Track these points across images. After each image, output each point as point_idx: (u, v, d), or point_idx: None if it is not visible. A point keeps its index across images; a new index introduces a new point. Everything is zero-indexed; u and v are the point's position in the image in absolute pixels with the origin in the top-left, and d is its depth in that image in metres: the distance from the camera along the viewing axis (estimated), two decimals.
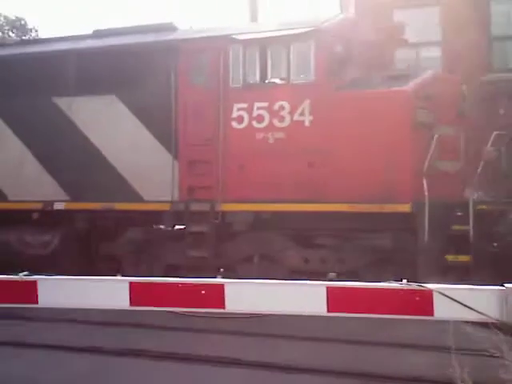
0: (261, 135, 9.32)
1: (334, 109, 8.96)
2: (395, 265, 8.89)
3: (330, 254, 9.30)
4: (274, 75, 9.29)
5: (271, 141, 9.28)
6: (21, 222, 10.87)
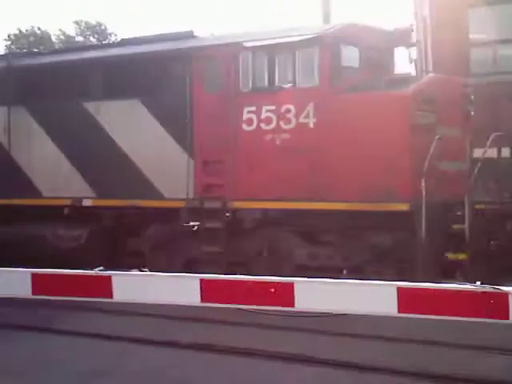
0: (268, 137, 9.78)
1: (337, 111, 9.34)
2: (396, 262, 9.24)
3: (336, 251, 9.69)
4: (281, 79, 9.74)
5: (278, 142, 9.74)
6: (54, 217, 11.70)
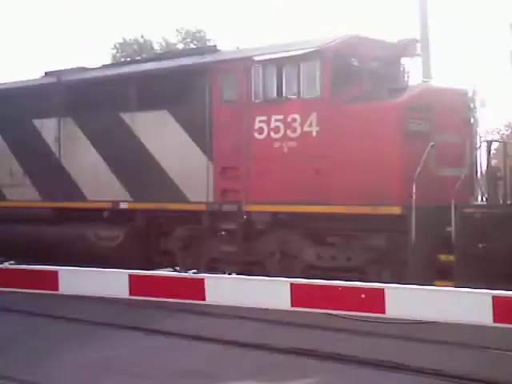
0: (277, 144, 10.49)
1: (336, 121, 9.94)
2: (392, 263, 9.73)
3: (339, 252, 10.28)
4: (288, 91, 10.42)
5: (285, 149, 10.43)
6: (95, 219, 12.85)
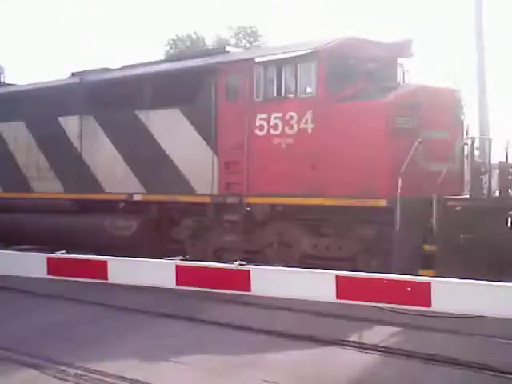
0: (276, 141, 11.16)
1: (330, 119, 10.57)
2: (379, 252, 10.32)
3: (332, 242, 10.90)
4: (287, 90, 11.07)
5: (283, 146, 11.09)
6: (112, 210, 13.71)
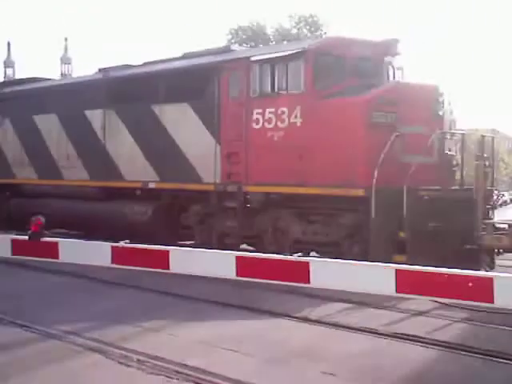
0: (270, 134, 12.03)
1: (316, 113, 11.37)
2: (360, 239, 11.08)
3: (319, 228, 11.71)
4: (279, 86, 11.91)
5: (276, 138, 11.95)
6: (130, 196, 14.86)
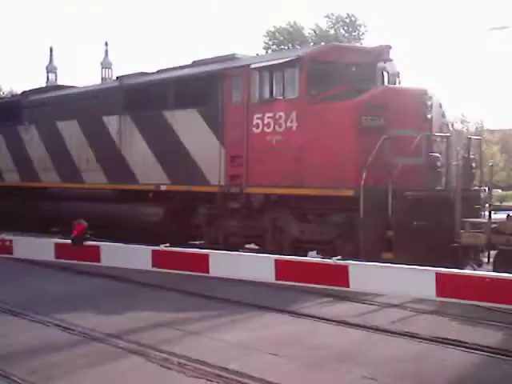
0: (268, 137, 12.60)
1: (310, 118, 11.92)
2: (352, 237, 11.55)
3: (315, 228, 12.23)
4: (277, 92, 12.48)
5: (274, 142, 12.51)
6: (143, 198, 15.59)
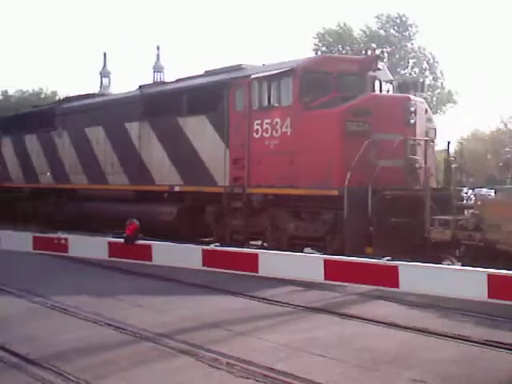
0: (266, 142, 13.66)
1: (301, 124, 12.95)
2: (339, 233, 12.50)
3: (308, 225, 13.21)
4: (274, 100, 13.53)
5: (272, 146, 13.56)
6: (158, 198, 16.80)
